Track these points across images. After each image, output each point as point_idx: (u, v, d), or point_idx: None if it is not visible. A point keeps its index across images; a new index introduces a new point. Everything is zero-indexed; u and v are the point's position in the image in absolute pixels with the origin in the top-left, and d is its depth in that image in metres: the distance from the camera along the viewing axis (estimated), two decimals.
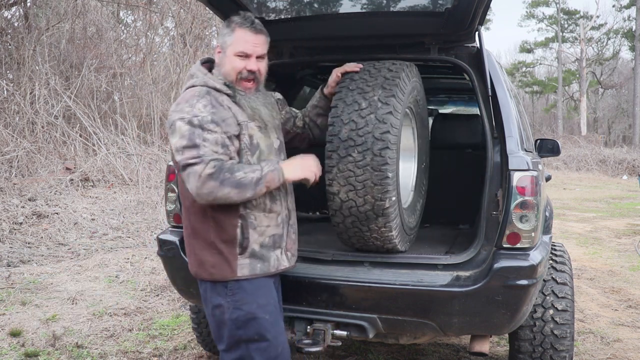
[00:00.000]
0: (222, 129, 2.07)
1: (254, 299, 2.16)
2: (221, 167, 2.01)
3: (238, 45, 2.18)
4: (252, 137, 2.17)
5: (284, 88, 3.97)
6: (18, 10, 10.68)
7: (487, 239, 2.49)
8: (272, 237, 2.22)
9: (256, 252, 2.18)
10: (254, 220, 2.17)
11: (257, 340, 2.16)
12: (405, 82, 2.53)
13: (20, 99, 9.24)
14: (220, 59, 2.23)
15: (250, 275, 2.16)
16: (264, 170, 2.09)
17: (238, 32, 2.19)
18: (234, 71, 2.19)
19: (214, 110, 2.08)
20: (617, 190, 15.64)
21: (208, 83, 2.18)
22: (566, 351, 2.78)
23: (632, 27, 32.85)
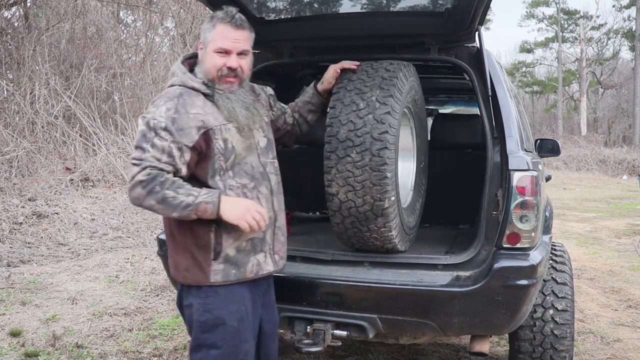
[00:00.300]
0: (174, 138, 1.99)
1: (225, 304, 2.10)
2: (154, 177, 1.95)
3: (218, 42, 2.10)
4: (226, 141, 2.09)
5: (284, 88, 3.98)
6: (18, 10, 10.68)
7: (487, 239, 2.50)
8: (250, 241, 2.14)
9: (230, 258, 2.11)
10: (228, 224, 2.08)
11: (219, 347, 2.09)
12: (403, 82, 2.53)
13: (20, 99, 9.23)
14: (202, 56, 2.16)
15: (223, 282, 2.10)
16: (199, 199, 1.98)
17: (218, 27, 2.11)
18: (214, 68, 2.11)
19: (175, 117, 2.01)
20: (617, 190, 15.63)
21: (186, 83, 2.12)
22: (566, 351, 2.78)
23: (632, 27, 32.84)
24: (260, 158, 2.21)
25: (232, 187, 2.11)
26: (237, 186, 2.12)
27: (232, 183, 2.11)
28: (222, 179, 2.10)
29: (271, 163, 2.28)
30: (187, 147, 2.01)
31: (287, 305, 2.57)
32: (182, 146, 2.00)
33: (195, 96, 2.10)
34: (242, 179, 2.13)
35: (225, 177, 2.10)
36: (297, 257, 2.71)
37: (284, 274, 2.58)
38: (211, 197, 2.00)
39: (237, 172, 2.12)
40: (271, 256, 2.23)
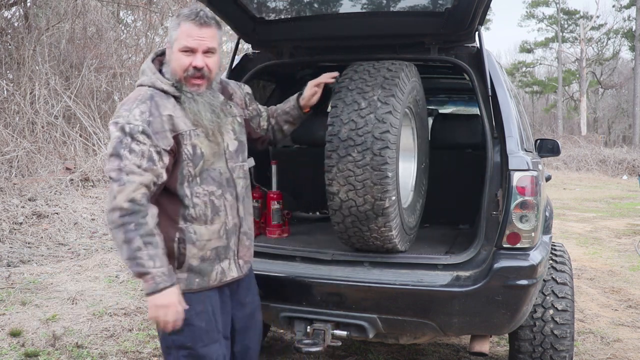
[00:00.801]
0: (153, 142, 1.92)
1: (191, 305, 2.06)
2: (136, 212, 1.86)
3: (182, 40, 2.01)
4: (195, 147, 2.02)
5: (284, 88, 3.98)
6: (18, 10, 10.68)
7: (487, 239, 2.49)
8: (214, 250, 2.10)
9: (194, 267, 2.06)
10: (193, 235, 2.04)
11: (188, 347, 2.07)
12: (405, 81, 2.53)
13: (20, 99, 9.23)
14: (168, 56, 2.07)
15: (186, 290, 2.05)
16: (156, 273, 1.87)
17: (183, 25, 2.01)
18: (180, 69, 2.02)
19: (151, 119, 1.94)
20: (617, 190, 15.63)
21: (156, 84, 2.03)
22: (566, 351, 2.78)
23: (632, 27, 32.83)
24: (228, 163, 2.14)
25: (199, 195, 2.05)
26: (204, 193, 2.06)
27: (199, 190, 2.05)
28: (190, 186, 2.03)
29: (240, 167, 2.21)
30: (165, 151, 1.95)
31: (287, 305, 2.57)
32: (160, 150, 1.93)
33: (165, 98, 2.02)
34: (210, 186, 2.07)
35: (193, 184, 2.04)
36: (297, 257, 2.71)
37: (284, 274, 2.58)
38: (163, 281, 1.89)
39: (204, 178, 2.06)
40: (235, 262, 2.19)
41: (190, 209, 2.03)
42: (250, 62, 3.10)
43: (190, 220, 2.04)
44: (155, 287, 1.88)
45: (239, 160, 2.20)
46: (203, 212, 2.05)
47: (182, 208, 2.04)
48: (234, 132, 2.21)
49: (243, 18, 2.89)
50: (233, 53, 3.06)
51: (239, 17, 2.88)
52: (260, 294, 2.65)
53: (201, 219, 2.05)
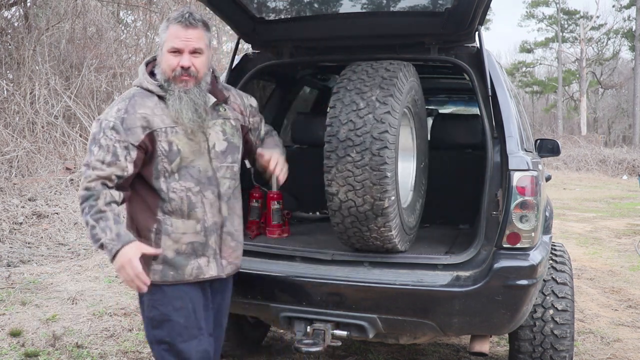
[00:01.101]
0: (121, 137, 2.04)
1: (169, 301, 2.13)
2: (88, 197, 2.02)
3: (169, 42, 2.11)
4: (171, 144, 2.10)
5: (284, 88, 3.98)
6: (18, 10, 10.67)
7: (487, 239, 2.49)
8: (190, 244, 2.15)
9: (169, 260, 2.13)
10: (169, 227, 2.12)
11: (167, 342, 2.13)
12: (403, 81, 2.53)
13: (20, 99, 9.23)
14: (159, 57, 2.17)
15: (161, 282, 2.13)
16: (106, 241, 2.00)
17: (171, 28, 2.12)
18: (169, 69, 2.12)
19: (125, 116, 2.07)
20: (617, 190, 15.63)
21: (142, 84, 2.17)
22: (566, 351, 2.78)
23: (632, 27, 32.83)
24: (212, 162, 2.20)
25: (176, 190, 2.12)
26: (180, 189, 2.13)
27: (176, 186, 2.12)
28: (167, 181, 2.12)
29: (228, 167, 2.25)
30: (134, 146, 2.05)
31: (287, 305, 2.57)
32: (128, 145, 2.05)
33: (147, 97, 2.13)
34: (187, 182, 2.13)
35: (170, 179, 2.12)
36: (297, 257, 2.71)
37: (284, 274, 2.58)
38: (113, 245, 2.00)
39: (183, 175, 2.12)
40: (217, 261, 2.23)
41: (167, 203, 2.12)
42: (250, 62, 3.10)
43: (168, 213, 2.12)
44: (110, 253, 2.01)
45: (226, 160, 2.25)
46: (179, 206, 2.13)
47: (160, 201, 2.12)
48: (223, 133, 2.26)
49: (243, 18, 2.89)
50: (233, 53, 3.06)
51: (239, 17, 2.88)
52: (261, 294, 2.66)
53: (178, 213, 2.12)
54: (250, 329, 3.57)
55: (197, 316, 2.18)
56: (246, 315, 3.30)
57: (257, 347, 3.70)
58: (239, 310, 2.80)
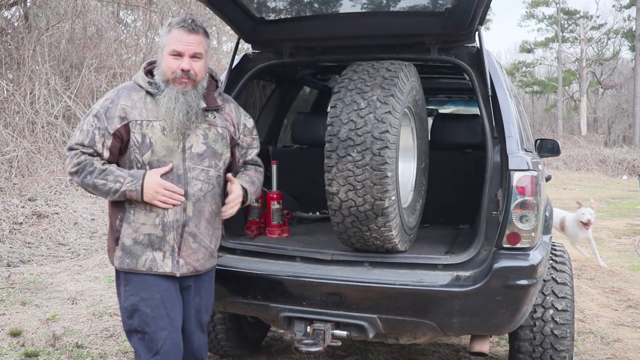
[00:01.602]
0: (100, 124, 2.20)
1: (138, 291, 2.23)
2: (83, 167, 2.18)
3: (171, 45, 2.22)
4: (145, 136, 2.21)
5: (284, 88, 3.98)
6: (18, 10, 10.67)
7: (487, 239, 2.49)
8: (147, 235, 2.24)
9: (126, 247, 2.24)
10: (131, 215, 2.23)
11: (139, 331, 2.23)
12: (404, 81, 2.53)
13: (20, 99, 9.23)
14: (159, 59, 2.27)
15: (119, 268, 2.27)
16: (124, 187, 2.17)
17: (173, 32, 2.23)
18: (169, 71, 2.23)
19: (110, 106, 2.22)
20: (617, 190, 15.63)
21: (137, 80, 2.30)
22: (566, 351, 2.78)
23: (632, 27, 32.82)
24: (185, 162, 2.26)
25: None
26: None
27: None
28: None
29: (203, 170, 2.30)
30: (109, 134, 2.20)
31: (287, 305, 2.57)
32: (104, 132, 2.20)
33: (135, 91, 2.27)
34: None
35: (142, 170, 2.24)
36: (297, 257, 2.71)
37: (284, 274, 2.58)
38: (134, 184, 2.17)
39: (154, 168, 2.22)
40: (173, 258, 2.27)
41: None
42: (250, 62, 3.10)
43: (135, 204, 2.23)
44: (137, 192, 2.17)
45: (202, 164, 2.30)
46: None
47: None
48: (204, 137, 2.32)
49: (243, 18, 2.89)
50: (233, 53, 3.06)
51: (239, 17, 2.88)
52: (261, 294, 2.65)
53: (141, 204, 2.22)
54: (250, 329, 3.57)
55: (167, 308, 2.25)
56: (246, 315, 3.30)
57: (257, 347, 3.70)
58: (239, 310, 2.81)
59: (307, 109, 4.63)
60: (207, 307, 2.49)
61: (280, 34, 2.98)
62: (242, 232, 3.13)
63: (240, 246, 2.82)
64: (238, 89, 3.03)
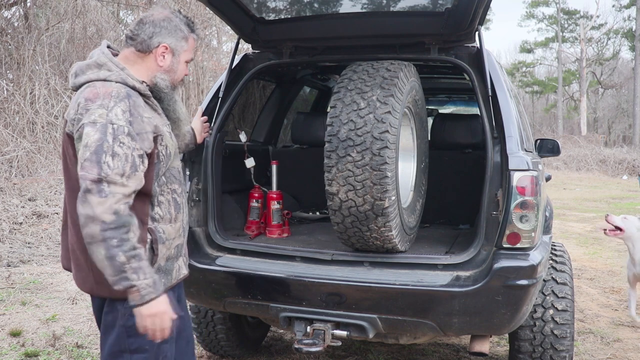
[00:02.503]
0: (136, 144, 1.80)
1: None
2: (118, 226, 1.73)
3: (190, 52, 2.09)
4: (167, 147, 1.98)
5: (284, 88, 3.98)
6: (18, 10, 10.67)
7: (487, 239, 2.49)
8: (176, 247, 2.09)
9: (162, 267, 2.02)
10: (162, 234, 1.98)
11: (145, 350, 1.98)
12: (404, 82, 2.53)
13: (20, 99, 9.23)
14: (172, 64, 2.03)
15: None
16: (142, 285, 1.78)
17: (191, 40, 2.09)
18: (180, 77, 2.10)
19: (132, 120, 1.81)
20: (617, 190, 15.63)
21: (127, 82, 1.90)
22: (566, 351, 2.78)
23: (632, 27, 32.82)
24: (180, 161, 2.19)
25: (164, 193, 2.00)
26: (168, 191, 2.02)
27: (165, 189, 2.01)
28: (159, 184, 1.98)
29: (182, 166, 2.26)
30: (147, 154, 1.85)
31: (287, 305, 2.57)
32: (142, 153, 1.83)
33: (136, 97, 1.90)
34: (172, 184, 2.05)
35: (161, 182, 1.99)
36: (297, 257, 2.71)
37: (284, 274, 2.58)
38: (150, 292, 1.80)
39: (168, 177, 2.03)
40: (184, 259, 2.19)
41: (156, 208, 1.98)
42: (250, 62, 3.10)
43: (158, 219, 1.98)
44: (140, 299, 1.80)
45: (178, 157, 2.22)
46: (167, 210, 2.01)
47: (150, 208, 1.97)
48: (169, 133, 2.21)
49: (243, 18, 2.89)
50: (233, 53, 3.06)
51: (239, 17, 2.88)
52: (261, 294, 2.65)
53: (166, 218, 2.01)
54: (250, 329, 3.57)
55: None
56: (246, 315, 3.30)
57: (257, 347, 3.70)
58: (239, 310, 2.81)
59: (307, 109, 4.64)
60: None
61: (280, 34, 2.98)
62: (242, 232, 3.14)
63: (240, 246, 2.82)
64: (238, 89, 3.03)
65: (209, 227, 2.84)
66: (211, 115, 2.91)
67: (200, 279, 2.67)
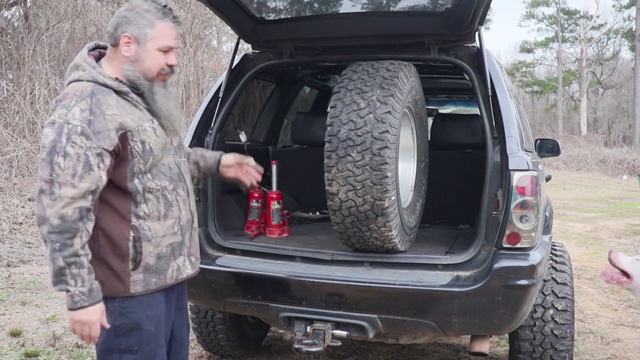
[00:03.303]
0: (92, 144, 1.80)
1: (143, 309, 2.00)
2: (62, 230, 1.76)
3: (162, 40, 1.96)
4: (144, 143, 1.94)
5: (284, 88, 3.98)
6: (18, 10, 10.67)
7: (487, 239, 2.49)
8: (169, 246, 2.03)
9: (151, 266, 1.99)
10: (148, 232, 1.96)
11: (135, 351, 1.99)
12: (404, 82, 2.53)
13: (20, 99, 9.23)
14: (135, 54, 1.96)
15: (144, 292, 1.99)
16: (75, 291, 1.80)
17: (160, 25, 1.96)
18: (157, 68, 1.98)
19: (91, 118, 1.81)
20: (617, 190, 15.63)
21: (98, 79, 1.91)
22: (566, 351, 2.78)
23: (632, 27, 32.83)
24: (174, 157, 2.10)
25: (152, 190, 1.98)
26: (156, 189, 1.99)
27: (152, 185, 1.98)
28: (142, 181, 1.96)
29: (184, 162, 2.17)
30: (107, 152, 1.84)
31: (287, 305, 2.57)
32: (101, 151, 1.82)
33: (107, 94, 1.90)
34: (162, 181, 2.01)
35: (145, 179, 1.97)
36: (297, 257, 2.71)
37: (284, 274, 2.58)
38: (83, 300, 1.81)
39: (155, 174, 1.99)
40: (189, 258, 2.14)
41: (142, 205, 1.96)
42: (250, 62, 3.10)
43: (144, 217, 1.96)
44: (73, 304, 1.82)
45: (183, 155, 2.18)
46: (156, 207, 1.99)
47: (133, 205, 1.96)
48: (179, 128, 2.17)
49: (243, 18, 2.89)
50: (233, 53, 3.06)
51: (239, 17, 2.88)
52: (261, 294, 2.65)
53: (154, 215, 1.98)
54: (250, 329, 3.57)
55: (164, 325, 2.10)
56: (246, 315, 3.30)
57: (257, 347, 3.70)
58: (239, 310, 2.81)
59: (307, 109, 4.64)
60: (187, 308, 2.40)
61: (280, 34, 2.98)
62: (242, 232, 3.14)
63: (240, 246, 2.82)
64: (238, 89, 3.03)
65: (209, 227, 2.84)
66: (211, 115, 2.92)
67: (200, 279, 2.66)
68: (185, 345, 2.29)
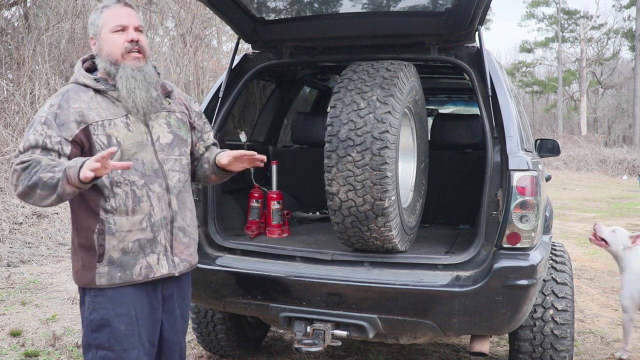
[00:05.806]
0: (53, 132, 1.95)
1: (112, 306, 2.03)
2: (27, 165, 1.91)
3: (111, 22, 2.04)
4: (110, 137, 1.99)
5: (284, 88, 3.98)
6: (18, 10, 10.67)
7: (487, 239, 2.49)
8: (136, 242, 2.02)
9: (115, 260, 2.02)
10: (112, 225, 2.00)
11: (105, 348, 2.03)
12: (404, 82, 2.53)
13: (20, 99, 9.23)
14: (98, 47, 2.08)
15: (108, 285, 2.02)
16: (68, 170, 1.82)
17: (106, 12, 2.06)
18: (117, 48, 2.03)
19: (58, 112, 1.98)
20: (617, 190, 15.63)
21: (78, 80, 2.07)
22: (566, 351, 2.78)
23: (632, 27, 32.82)
24: (157, 154, 2.09)
25: (120, 184, 2.01)
26: (124, 182, 2.01)
27: (119, 179, 2.00)
28: (109, 176, 1.98)
29: (176, 160, 2.15)
30: (67, 141, 1.96)
31: (287, 305, 2.57)
32: (61, 139, 1.95)
33: (83, 92, 2.04)
34: (131, 176, 2.02)
35: (113, 173, 1.99)
36: (297, 257, 2.71)
37: (284, 274, 2.58)
38: (75, 165, 1.83)
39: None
40: (167, 258, 2.11)
41: (111, 199, 2.00)
42: (250, 62, 3.10)
43: (111, 211, 2.00)
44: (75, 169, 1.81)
45: (173, 153, 2.15)
46: (123, 202, 2.01)
47: (101, 199, 2.00)
48: (168, 125, 2.16)
49: (243, 18, 2.89)
50: (233, 53, 3.06)
51: (239, 17, 2.88)
52: (261, 294, 2.65)
53: (122, 210, 2.01)
54: (250, 329, 3.57)
55: (139, 325, 2.08)
56: (246, 315, 3.30)
57: (257, 347, 3.70)
58: (239, 310, 2.81)
59: (307, 109, 4.64)
60: (188, 314, 2.38)
61: (280, 34, 2.98)
62: (242, 232, 3.14)
63: (240, 246, 2.82)
64: (238, 89, 3.03)
65: (208, 227, 2.84)
66: (211, 115, 2.91)
67: (200, 279, 2.67)
68: (177, 350, 2.27)
